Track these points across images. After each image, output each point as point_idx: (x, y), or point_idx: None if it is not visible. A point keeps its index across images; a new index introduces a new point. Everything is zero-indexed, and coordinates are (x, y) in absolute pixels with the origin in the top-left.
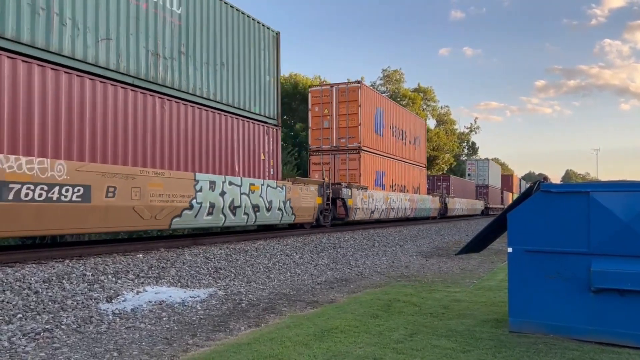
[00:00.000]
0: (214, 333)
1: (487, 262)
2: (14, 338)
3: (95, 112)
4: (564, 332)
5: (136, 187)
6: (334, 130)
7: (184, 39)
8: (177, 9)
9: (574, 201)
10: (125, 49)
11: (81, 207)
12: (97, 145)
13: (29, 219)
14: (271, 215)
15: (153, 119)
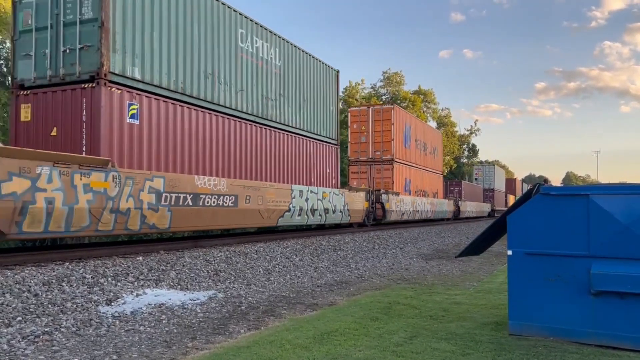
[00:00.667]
0: (213, 336)
1: (487, 265)
2: (14, 341)
3: (235, 143)
4: (563, 335)
5: (260, 195)
6: (370, 144)
7: (281, 84)
8: (278, 62)
9: (573, 204)
10: (251, 96)
11: (233, 210)
12: (236, 165)
13: (208, 218)
14: (335, 217)
15: (265, 146)
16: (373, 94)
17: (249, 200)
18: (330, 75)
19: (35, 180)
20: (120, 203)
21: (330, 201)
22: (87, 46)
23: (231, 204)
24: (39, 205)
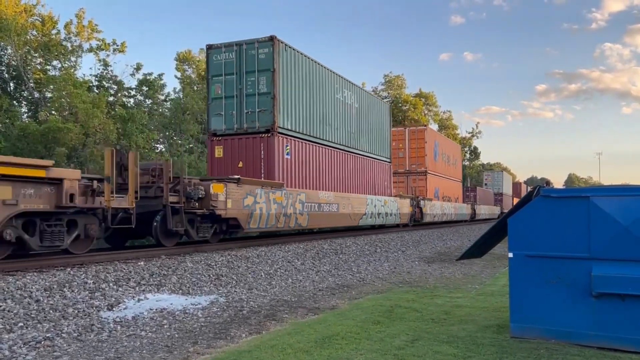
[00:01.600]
0: (215, 340)
1: (489, 267)
2: (15, 347)
3: (334, 166)
4: (565, 338)
5: (349, 203)
6: (406, 158)
7: (357, 120)
8: (356, 105)
9: (574, 206)
10: (341, 131)
11: (337, 214)
12: (336, 182)
13: (325, 219)
14: (391, 218)
15: (349, 166)
16: None
17: (344, 207)
18: (385, 108)
19: (255, 197)
20: (287, 210)
21: (389, 206)
22: (264, 110)
23: (335, 209)
24: (257, 212)
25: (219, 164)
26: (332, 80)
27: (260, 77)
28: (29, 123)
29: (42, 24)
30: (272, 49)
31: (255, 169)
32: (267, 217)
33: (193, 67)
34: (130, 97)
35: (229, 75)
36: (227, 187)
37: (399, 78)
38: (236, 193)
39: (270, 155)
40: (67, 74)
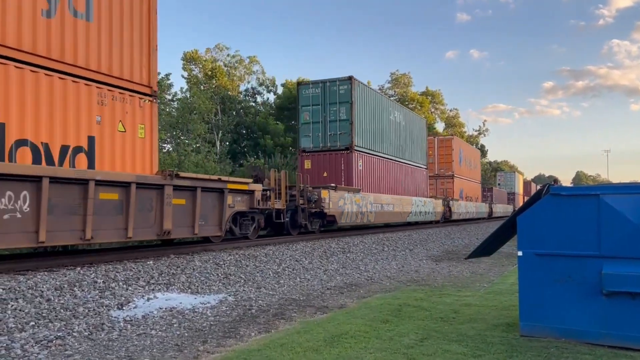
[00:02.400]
0: (224, 339)
1: (497, 266)
2: (27, 346)
3: (389, 173)
4: (575, 336)
5: (401, 203)
6: (436, 164)
7: (403, 135)
8: (402, 122)
9: (583, 204)
10: (393, 145)
11: (393, 212)
12: (391, 186)
13: (386, 216)
14: (429, 216)
15: (398, 173)
16: None
17: (397, 207)
18: (423, 123)
19: (345, 199)
20: (362, 209)
21: (427, 206)
22: (343, 133)
23: (392, 209)
24: (346, 211)
25: (308, 173)
26: (387, 105)
27: (341, 107)
28: None
29: None
30: (350, 86)
31: (337, 177)
32: (351, 214)
33: (200, 67)
34: None
35: (315, 105)
36: (329, 192)
37: (405, 76)
38: (334, 197)
39: (349, 167)
40: None
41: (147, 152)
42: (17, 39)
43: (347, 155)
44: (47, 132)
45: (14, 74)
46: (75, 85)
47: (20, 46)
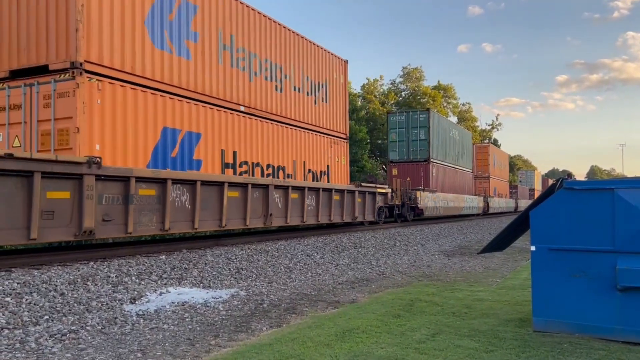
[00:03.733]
0: (236, 334)
1: (510, 261)
2: (41, 339)
3: (450, 177)
4: (589, 332)
5: (458, 200)
6: (474, 167)
7: (458, 146)
8: (457, 137)
9: (598, 198)
10: (451, 155)
11: (453, 207)
12: (451, 187)
13: (450, 211)
14: (474, 210)
15: (455, 177)
16: (392, 89)
17: (456, 203)
18: (469, 135)
19: (428, 198)
20: (437, 204)
21: (473, 202)
22: (422, 149)
23: (453, 205)
24: (428, 206)
25: (394, 178)
26: (449, 125)
27: (420, 130)
28: None
29: None
30: (428, 115)
31: (418, 181)
32: (432, 208)
33: None
34: None
35: (401, 128)
36: (420, 193)
37: (417, 70)
38: (423, 196)
39: (427, 174)
40: None
41: (346, 172)
42: (271, 107)
43: (425, 165)
44: (314, 162)
45: (273, 128)
46: (318, 136)
47: (272, 110)
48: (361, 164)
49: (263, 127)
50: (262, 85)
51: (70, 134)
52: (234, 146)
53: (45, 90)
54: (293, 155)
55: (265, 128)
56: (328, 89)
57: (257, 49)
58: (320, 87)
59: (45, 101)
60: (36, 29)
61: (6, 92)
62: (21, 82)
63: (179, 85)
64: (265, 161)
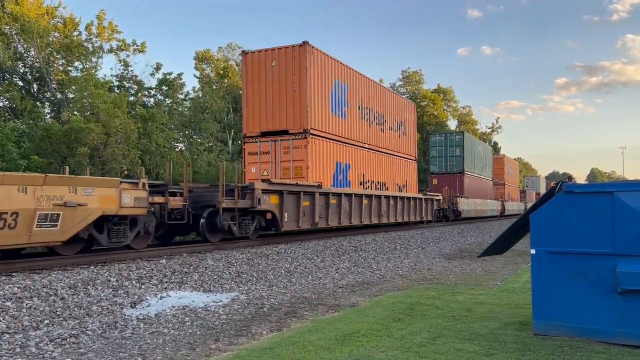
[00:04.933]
0: (236, 337)
1: (511, 264)
2: (42, 344)
3: (477, 185)
4: (590, 335)
5: (483, 204)
6: (493, 176)
7: (482, 159)
8: (481, 151)
9: (597, 201)
10: (477, 166)
11: (480, 210)
12: (477, 193)
13: (479, 213)
14: (494, 213)
15: (480, 185)
16: None
17: (482, 207)
18: (490, 149)
19: (464, 203)
20: (469, 208)
21: (493, 205)
22: (457, 163)
23: (480, 208)
24: (464, 209)
25: (434, 186)
26: (477, 142)
27: (456, 149)
28: (52, 124)
29: (63, 25)
30: (462, 137)
31: (454, 188)
32: (466, 211)
33: (212, 66)
34: (150, 96)
35: (440, 147)
36: (460, 199)
37: (416, 74)
38: (460, 201)
39: (462, 183)
40: (89, 75)
41: (415, 184)
42: (378, 142)
43: (460, 176)
44: (400, 178)
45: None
46: (401, 160)
47: (378, 144)
48: None
49: (375, 157)
50: (374, 129)
51: (303, 169)
52: (364, 170)
53: (285, 144)
54: (389, 174)
55: (375, 157)
56: (405, 125)
57: (371, 104)
58: (401, 125)
59: (285, 150)
60: (279, 109)
61: (258, 144)
62: (268, 138)
63: (341, 135)
64: (376, 179)
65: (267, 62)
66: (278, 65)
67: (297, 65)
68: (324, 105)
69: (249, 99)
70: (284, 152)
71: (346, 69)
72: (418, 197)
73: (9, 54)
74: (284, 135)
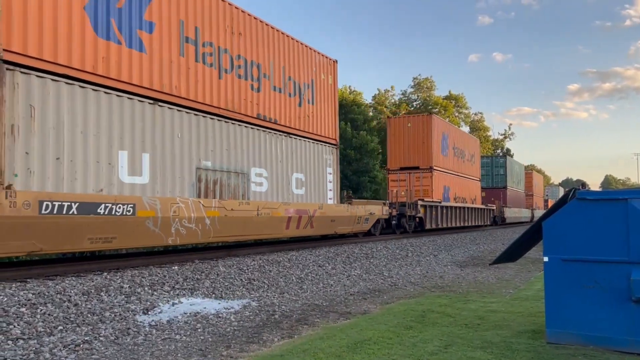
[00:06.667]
0: (247, 344)
1: (523, 272)
2: (55, 349)
3: (516, 196)
4: (604, 343)
5: (521, 212)
6: (523, 187)
7: (518, 175)
8: (518, 169)
9: (611, 208)
10: (516, 181)
11: (519, 216)
12: (516, 202)
13: (516, 219)
14: (527, 219)
15: (517, 196)
16: (404, 100)
17: (520, 213)
18: (523, 166)
19: (507, 211)
20: (511, 215)
21: (526, 213)
22: (501, 180)
23: (519, 215)
24: (509, 216)
25: (483, 198)
26: (515, 163)
27: (500, 169)
28: None
29: None
30: (505, 159)
31: (499, 200)
32: (510, 217)
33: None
34: None
35: (487, 167)
36: (505, 208)
37: (427, 80)
38: (505, 210)
39: (505, 196)
40: None
41: (479, 196)
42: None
43: (503, 190)
44: (470, 193)
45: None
46: (472, 181)
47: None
48: (373, 174)
49: (460, 180)
50: (460, 161)
51: (429, 191)
52: (456, 190)
53: (416, 175)
54: (467, 192)
55: (461, 181)
56: (475, 156)
57: (458, 145)
58: (472, 156)
59: (417, 179)
60: (410, 150)
61: (397, 175)
62: (405, 172)
63: (446, 167)
64: (461, 195)
65: (404, 123)
66: (413, 126)
67: (426, 126)
68: (438, 149)
69: (392, 147)
70: (416, 180)
71: (448, 125)
72: (482, 208)
73: None
74: (416, 170)
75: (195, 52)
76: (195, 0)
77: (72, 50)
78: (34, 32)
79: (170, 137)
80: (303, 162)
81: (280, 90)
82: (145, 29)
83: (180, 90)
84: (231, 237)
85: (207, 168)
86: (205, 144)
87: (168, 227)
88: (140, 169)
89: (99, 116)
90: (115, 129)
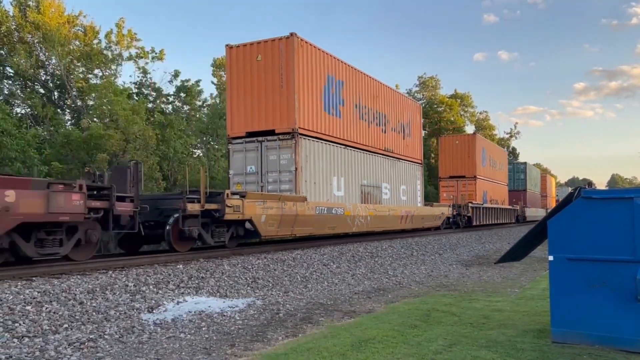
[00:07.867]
0: (252, 343)
1: (529, 271)
2: (60, 347)
3: (534, 198)
4: (609, 343)
5: (537, 211)
6: (539, 190)
7: (535, 179)
8: (535, 174)
9: (617, 207)
10: (534, 184)
11: (535, 215)
12: (535, 203)
13: (534, 217)
14: (539, 216)
15: (533, 197)
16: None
17: (535, 212)
18: (538, 171)
19: (528, 210)
20: (530, 214)
21: (541, 212)
22: (521, 183)
23: (535, 214)
24: (528, 215)
25: None
26: (533, 169)
27: (520, 174)
28: (72, 130)
29: (84, 34)
30: (525, 165)
31: (519, 201)
32: (529, 216)
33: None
34: (168, 103)
35: (509, 172)
36: (525, 208)
37: (433, 79)
38: (527, 209)
39: (525, 197)
40: (108, 82)
41: (506, 197)
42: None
43: (524, 193)
44: (500, 195)
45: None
46: (501, 186)
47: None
48: None
49: (491, 185)
50: (491, 168)
51: (473, 195)
52: (491, 193)
53: (462, 182)
54: (498, 194)
55: (491, 186)
56: (505, 164)
57: (494, 157)
58: (502, 165)
59: (463, 185)
60: (457, 162)
61: (447, 182)
62: (454, 179)
63: None
64: (494, 198)
65: (453, 141)
66: (460, 143)
67: (471, 143)
68: (480, 162)
69: (443, 159)
70: (462, 186)
71: (486, 141)
72: (509, 208)
73: (31, 62)
74: (462, 178)
75: (360, 114)
76: (356, 79)
77: (317, 123)
78: (304, 116)
79: (351, 167)
80: (405, 177)
81: (394, 130)
82: (340, 104)
83: (354, 138)
84: (377, 228)
85: (364, 184)
86: (363, 169)
87: (354, 221)
88: (341, 187)
89: (325, 156)
90: (331, 163)
